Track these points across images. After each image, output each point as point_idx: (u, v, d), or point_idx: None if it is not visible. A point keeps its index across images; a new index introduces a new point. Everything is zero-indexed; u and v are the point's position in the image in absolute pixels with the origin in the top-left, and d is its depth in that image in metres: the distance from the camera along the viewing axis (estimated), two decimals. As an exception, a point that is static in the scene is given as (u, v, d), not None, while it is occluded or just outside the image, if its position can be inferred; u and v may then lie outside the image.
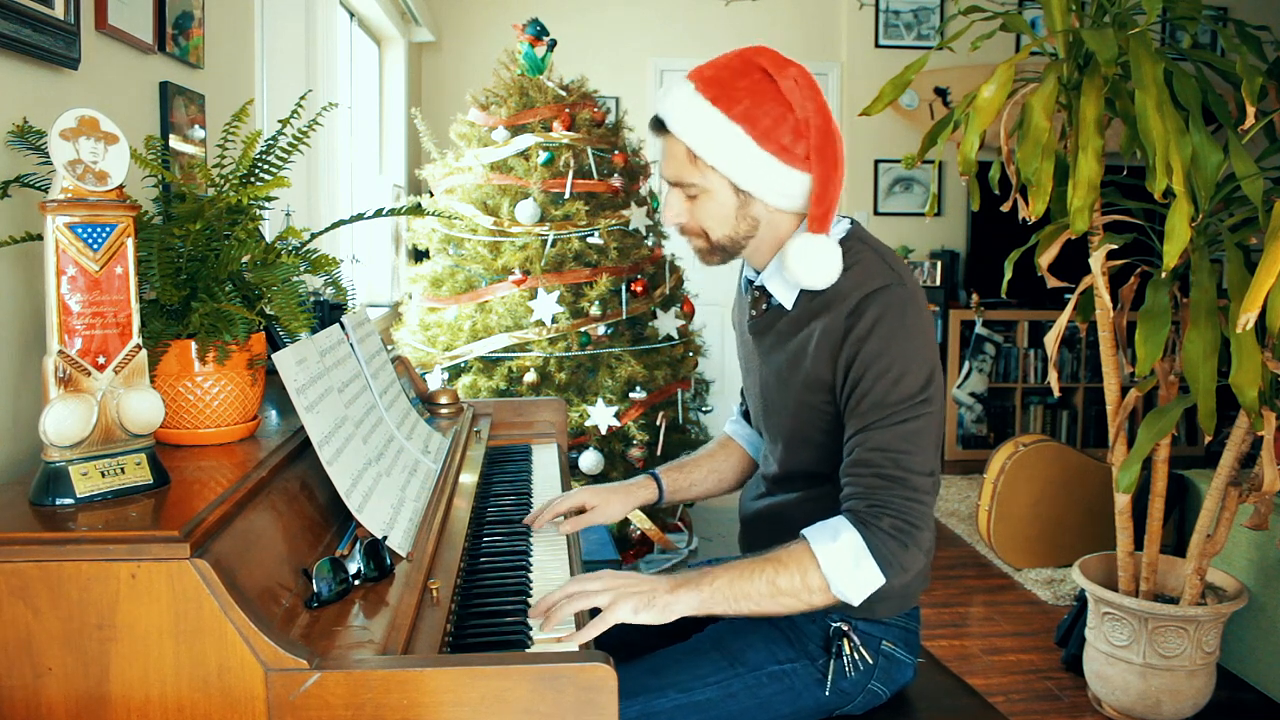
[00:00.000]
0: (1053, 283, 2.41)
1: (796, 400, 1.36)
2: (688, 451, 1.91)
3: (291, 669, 0.90)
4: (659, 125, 1.32)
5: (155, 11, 1.69)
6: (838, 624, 1.38)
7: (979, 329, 5.03)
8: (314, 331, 1.31)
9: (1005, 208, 2.42)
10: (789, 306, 1.36)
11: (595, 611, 1.17)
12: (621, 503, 1.57)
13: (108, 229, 1.04)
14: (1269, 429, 2.04)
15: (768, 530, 1.47)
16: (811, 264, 1.27)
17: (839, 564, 1.20)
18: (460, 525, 1.39)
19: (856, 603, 1.22)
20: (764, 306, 1.42)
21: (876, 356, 1.24)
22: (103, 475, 1.03)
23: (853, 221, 1.37)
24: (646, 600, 1.17)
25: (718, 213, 1.32)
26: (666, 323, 3.31)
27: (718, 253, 1.37)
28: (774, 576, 1.21)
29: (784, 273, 1.32)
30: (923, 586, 1.44)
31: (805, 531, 1.24)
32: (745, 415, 1.69)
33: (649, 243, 3.44)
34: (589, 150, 3.27)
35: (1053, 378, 2.41)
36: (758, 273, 1.42)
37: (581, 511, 1.55)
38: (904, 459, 1.23)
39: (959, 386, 5.07)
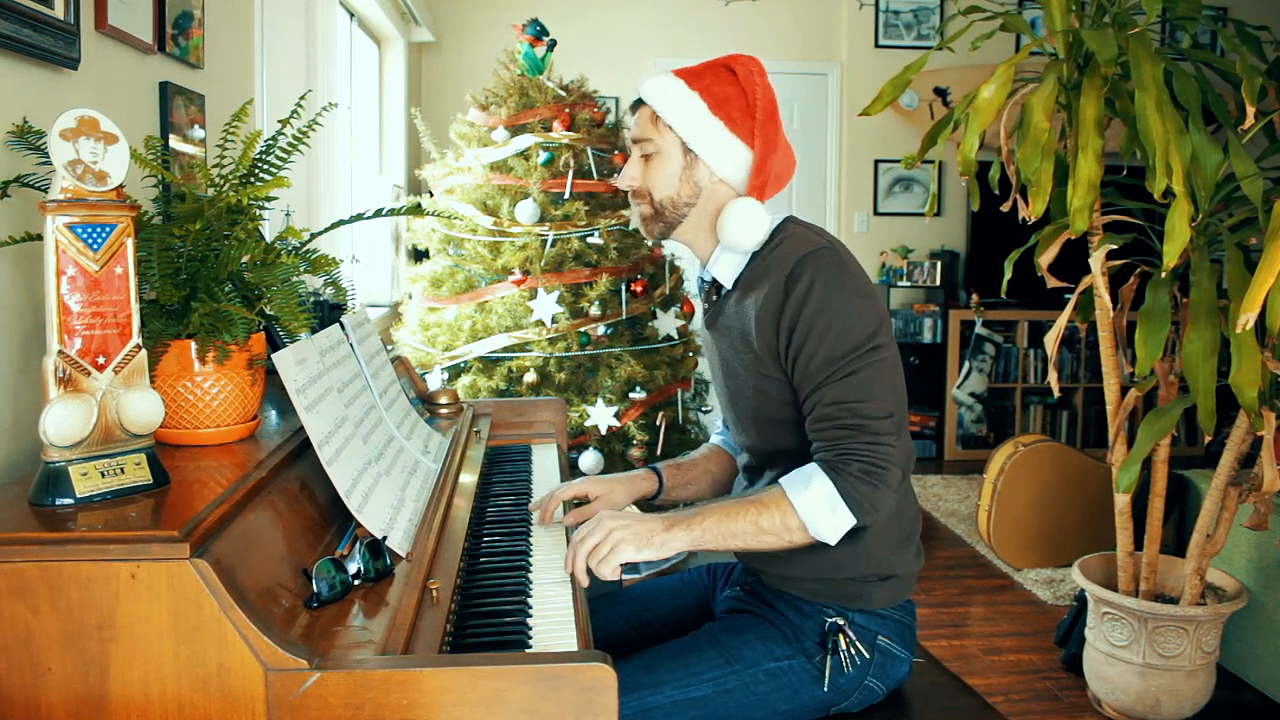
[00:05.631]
0: (1053, 283, 2.41)
1: (753, 376, 1.41)
2: (687, 452, 1.92)
3: (291, 669, 0.90)
4: (633, 108, 1.47)
5: (155, 11, 1.69)
6: (833, 619, 1.39)
7: (979, 329, 5.03)
8: (314, 331, 1.31)
9: (1005, 208, 2.42)
10: (729, 284, 1.44)
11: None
12: (624, 492, 1.60)
13: (108, 229, 1.04)
14: (1269, 429, 2.04)
15: None
16: (740, 222, 1.38)
17: (815, 509, 1.29)
18: (460, 525, 1.39)
19: (833, 542, 1.31)
20: (714, 298, 1.50)
21: (817, 316, 1.31)
22: (102, 475, 1.03)
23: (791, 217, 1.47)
24: (645, 539, 1.28)
25: (665, 171, 1.43)
26: (666, 323, 3.31)
27: (659, 220, 1.46)
28: (757, 518, 1.30)
29: (719, 238, 1.42)
30: (917, 565, 1.46)
31: (781, 480, 1.32)
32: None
33: (649, 243, 3.44)
34: (589, 150, 3.27)
35: (1053, 378, 2.41)
36: (704, 267, 1.50)
37: (584, 501, 1.57)
38: (860, 407, 1.30)
39: (959, 386, 5.07)
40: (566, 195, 3.20)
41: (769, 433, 1.44)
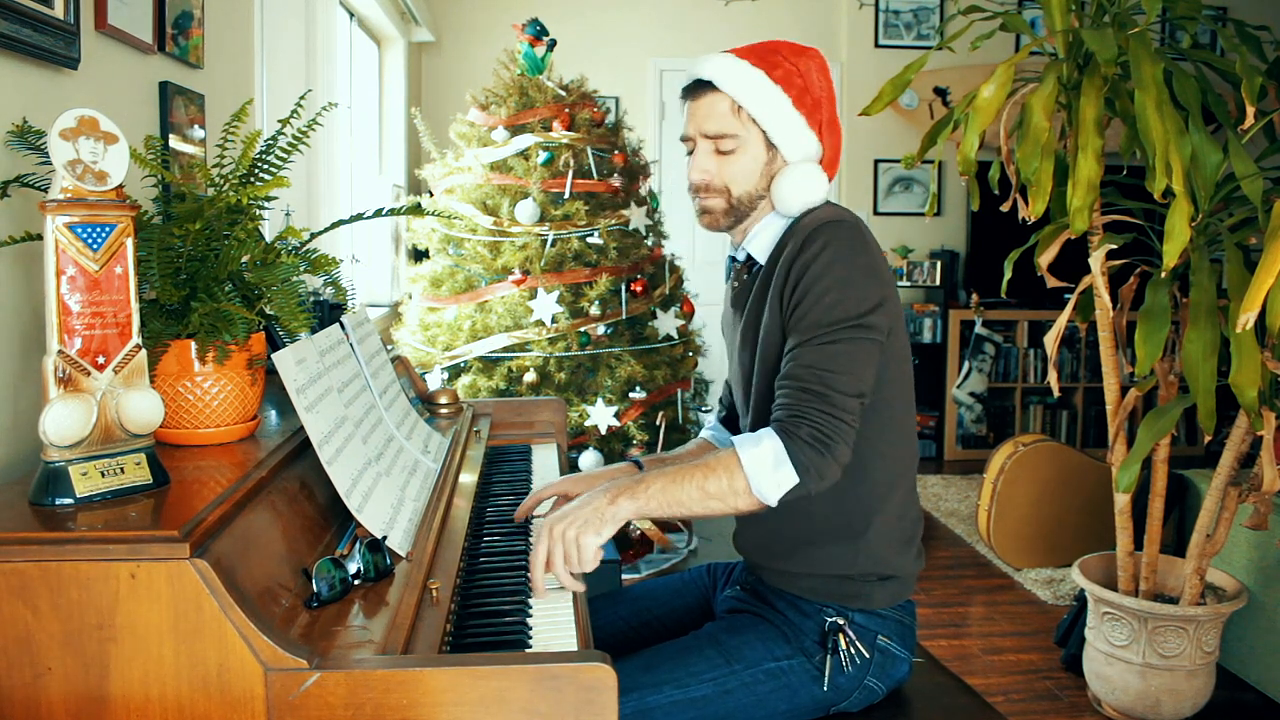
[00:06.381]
0: (1052, 283, 2.41)
1: (771, 353, 1.39)
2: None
3: (291, 669, 0.90)
4: (694, 88, 1.42)
5: (155, 11, 1.69)
6: (833, 619, 1.39)
7: (979, 329, 5.03)
8: (314, 331, 1.31)
9: (1005, 208, 2.42)
10: (764, 261, 1.43)
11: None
12: None
13: (107, 229, 1.04)
14: (1268, 429, 2.04)
15: (761, 516, 1.46)
16: (796, 185, 1.38)
17: (760, 465, 1.27)
18: (460, 525, 1.39)
19: (774, 502, 1.28)
20: (744, 276, 1.50)
21: (817, 279, 1.31)
22: (102, 475, 1.03)
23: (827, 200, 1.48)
24: (596, 520, 1.27)
25: (749, 166, 1.41)
26: (666, 323, 3.31)
27: (732, 213, 1.44)
28: (703, 482, 1.29)
29: (774, 202, 1.41)
30: (918, 566, 1.45)
31: (734, 439, 1.32)
32: (722, 421, 1.72)
33: (649, 243, 3.44)
34: (589, 150, 3.27)
35: (1052, 378, 2.41)
36: (737, 246, 1.49)
37: (567, 499, 1.55)
38: (829, 377, 1.29)
39: (959, 386, 5.07)
40: (566, 195, 3.20)
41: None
